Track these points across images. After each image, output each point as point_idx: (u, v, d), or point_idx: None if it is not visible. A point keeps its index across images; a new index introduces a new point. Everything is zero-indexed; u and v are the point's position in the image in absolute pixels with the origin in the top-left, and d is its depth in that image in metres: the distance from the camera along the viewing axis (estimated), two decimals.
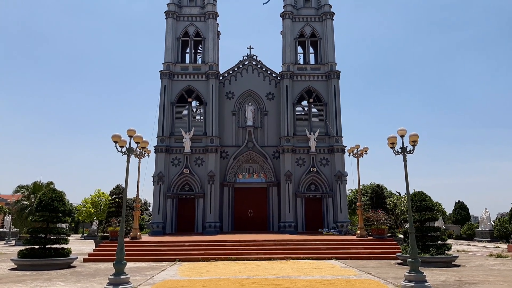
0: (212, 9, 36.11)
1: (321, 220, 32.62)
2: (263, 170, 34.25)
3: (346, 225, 31.63)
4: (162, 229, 31.11)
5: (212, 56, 35.05)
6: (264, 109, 35.31)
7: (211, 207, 31.71)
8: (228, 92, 35.61)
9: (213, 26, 35.91)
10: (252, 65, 36.36)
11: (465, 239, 39.55)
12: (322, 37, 36.00)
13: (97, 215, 50.14)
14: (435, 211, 20.77)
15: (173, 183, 32.53)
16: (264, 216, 33.75)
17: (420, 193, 20.12)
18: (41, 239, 18.46)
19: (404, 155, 13.75)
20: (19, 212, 37.24)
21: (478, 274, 15.54)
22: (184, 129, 33.52)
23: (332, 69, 34.75)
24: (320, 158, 33.43)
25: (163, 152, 32.66)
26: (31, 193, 38.18)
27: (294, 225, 31.47)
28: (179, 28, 36.05)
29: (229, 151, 34.23)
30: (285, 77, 34.41)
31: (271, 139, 34.59)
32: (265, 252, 21.49)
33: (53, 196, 19.07)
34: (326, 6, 36.24)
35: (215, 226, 31.16)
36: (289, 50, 35.31)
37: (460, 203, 46.23)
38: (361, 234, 24.46)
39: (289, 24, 35.95)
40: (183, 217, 32.76)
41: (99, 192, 51.83)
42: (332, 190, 32.61)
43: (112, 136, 13.81)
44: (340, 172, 32.49)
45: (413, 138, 13.73)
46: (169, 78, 34.26)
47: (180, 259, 20.55)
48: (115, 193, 28.27)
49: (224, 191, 33.49)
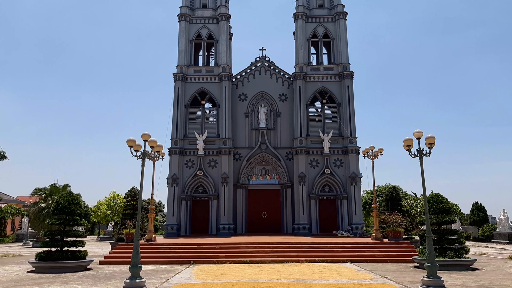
0: (225, 11, 36.21)
1: (335, 222, 32.40)
2: (276, 171, 34.16)
3: (361, 227, 31.33)
4: (176, 231, 31.28)
5: (225, 58, 35.12)
6: (277, 111, 35.23)
7: (225, 209, 31.78)
8: (241, 93, 35.64)
9: (226, 28, 36.00)
10: (265, 67, 36.32)
11: (483, 241, 38.82)
12: (335, 37, 35.76)
13: (113, 217, 50.68)
14: (452, 214, 20.37)
15: (187, 185, 32.68)
16: (278, 218, 33.67)
17: (437, 195, 19.79)
18: (58, 242, 18.71)
19: (420, 158, 13.55)
20: (36, 214, 37.80)
21: (498, 278, 15.21)
22: (197, 131, 33.65)
23: (345, 69, 34.49)
24: (334, 160, 33.20)
25: (177, 154, 32.85)
26: (48, 195, 38.70)
27: (308, 227, 31.31)
28: (192, 31, 36.23)
29: (242, 152, 34.24)
30: (298, 78, 34.28)
31: (284, 141, 34.49)
32: (279, 255, 21.42)
33: (69, 199, 19.33)
34: (339, 6, 35.99)
35: (229, 228, 31.21)
36: (301, 50, 35.17)
37: (477, 204, 45.38)
38: (376, 237, 24.18)
39: (301, 24, 35.81)
40: (197, 219, 32.89)
41: (114, 194, 52.37)
42: (346, 192, 32.34)
43: (127, 140, 13.93)
44: (354, 174, 32.21)
45: (429, 140, 13.53)
46: (182, 80, 34.44)
47: (195, 262, 20.61)
48: (130, 195, 28.50)
49: (238, 192, 33.52)
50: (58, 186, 39.25)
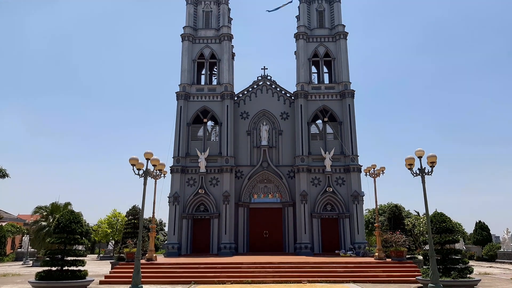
0: (227, 31, 36.77)
1: (337, 241, 32.11)
2: (278, 190, 34.07)
3: (364, 246, 31.03)
4: (177, 250, 31.02)
5: (227, 77, 35.48)
6: (278, 129, 35.37)
7: (226, 227, 31.57)
8: (242, 112, 35.85)
9: (228, 47, 36.49)
10: (267, 85, 36.63)
11: (487, 261, 38.31)
12: (336, 57, 36.17)
13: (113, 235, 50.31)
14: (455, 233, 20.19)
15: (188, 203, 32.57)
16: (280, 237, 33.39)
17: (440, 214, 19.65)
18: (59, 261, 18.53)
19: (422, 177, 13.55)
20: (37, 232, 37.57)
21: None
22: (199, 149, 33.72)
23: (346, 88, 34.76)
24: (336, 178, 33.13)
25: (179, 173, 32.84)
26: (49, 214, 38.56)
27: (310, 246, 31.02)
28: (194, 50, 36.72)
29: (244, 171, 34.23)
30: (299, 97, 34.53)
31: (286, 159, 34.51)
32: (281, 275, 21.18)
33: (71, 218, 19.23)
34: (339, 26, 36.53)
35: (230, 247, 30.94)
36: (303, 70, 35.53)
37: (480, 223, 44.96)
38: (379, 256, 23.93)
39: (303, 44, 36.27)
40: (198, 238, 32.65)
41: (115, 212, 52.12)
42: (348, 211, 32.16)
43: (130, 159, 13.99)
44: (356, 192, 32.09)
45: (431, 159, 13.54)
46: (185, 99, 34.72)
47: (196, 282, 20.37)
48: (131, 214, 28.44)
49: (239, 211, 33.35)
50: (60, 204, 39.10)
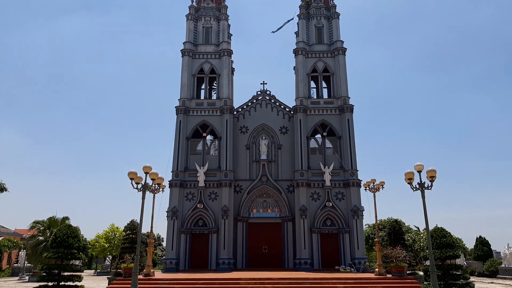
0: (227, 46, 37.12)
1: (337, 256, 31.79)
2: (277, 204, 33.88)
3: (364, 262, 30.73)
4: (175, 265, 30.66)
5: (227, 92, 35.66)
6: (277, 143, 35.38)
7: (225, 242, 31.28)
8: (242, 126, 35.92)
9: (228, 63, 36.78)
10: (266, 100, 36.78)
11: (488, 276, 37.95)
12: (334, 72, 36.44)
13: (111, 251, 49.78)
14: (456, 248, 20.04)
15: (187, 218, 32.34)
16: (279, 252, 33.06)
17: (440, 229, 19.57)
18: (55, 276, 18.35)
19: (422, 191, 13.51)
20: (34, 247, 37.25)
21: None
22: (198, 164, 33.65)
23: (345, 103, 34.92)
24: (336, 192, 33.00)
25: (178, 187, 32.70)
26: (47, 228, 38.28)
27: (310, 261, 30.71)
28: (194, 66, 36.99)
29: (243, 185, 34.10)
30: (299, 111, 34.64)
31: (285, 173, 34.42)
32: None
33: (68, 233, 19.12)
34: (338, 42, 36.90)
35: (228, 262, 30.60)
36: (302, 85, 35.74)
37: (481, 238, 44.67)
38: (379, 272, 23.69)
39: (302, 60, 36.57)
40: (196, 253, 32.30)
41: (113, 227, 51.69)
42: (348, 226, 31.94)
43: (128, 173, 13.94)
44: (356, 207, 31.92)
45: (430, 173, 13.52)
46: (184, 113, 34.82)
47: None
48: (129, 228, 28.19)
49: (238, 226, 33.08)
50: (57, 219, 38.90)
